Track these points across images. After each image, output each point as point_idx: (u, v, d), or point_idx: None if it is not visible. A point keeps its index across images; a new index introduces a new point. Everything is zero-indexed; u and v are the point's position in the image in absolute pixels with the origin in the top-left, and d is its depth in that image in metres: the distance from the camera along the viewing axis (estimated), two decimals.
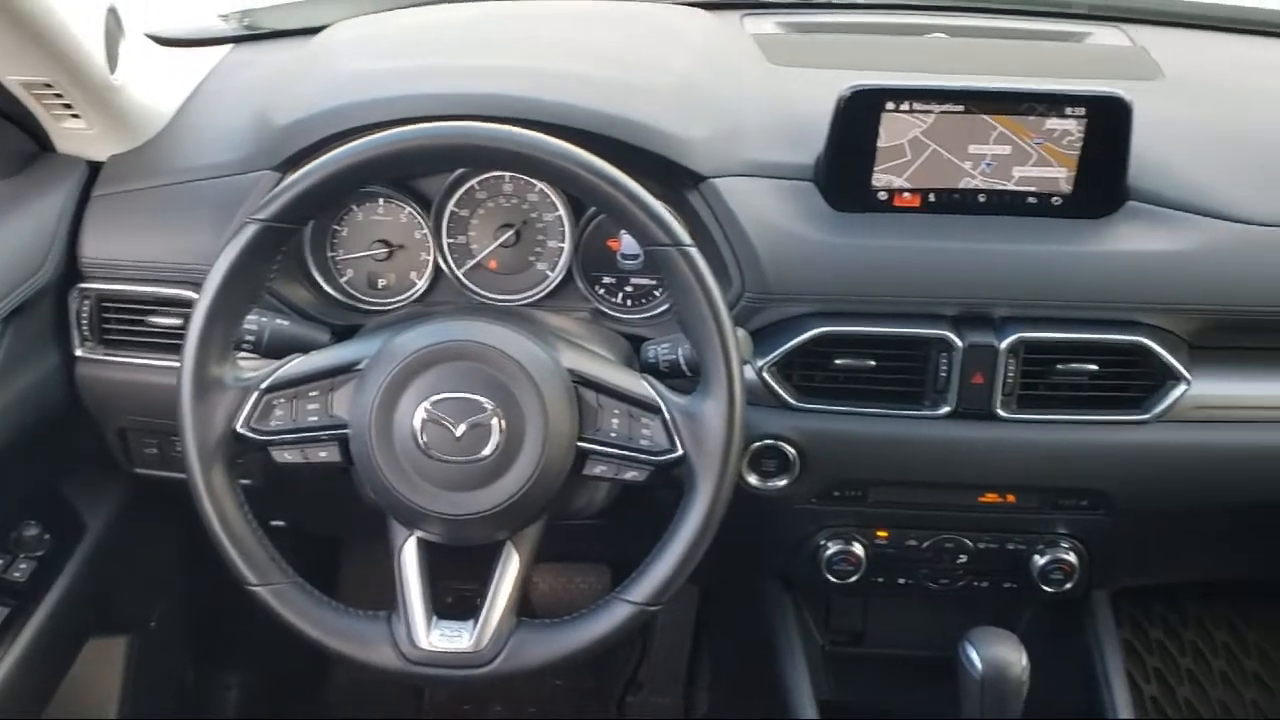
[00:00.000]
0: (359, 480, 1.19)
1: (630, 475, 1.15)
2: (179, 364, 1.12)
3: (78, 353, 1.41)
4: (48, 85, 1.32)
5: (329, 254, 1.43)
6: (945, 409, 1.32)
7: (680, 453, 1.13)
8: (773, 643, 1.62)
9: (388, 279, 1.44)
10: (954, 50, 1.63)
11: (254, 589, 1.14)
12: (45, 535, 1.51)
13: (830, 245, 1.32)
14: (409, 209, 1.42)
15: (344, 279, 1.44)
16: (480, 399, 1.10)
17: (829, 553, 1.47)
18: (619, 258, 1.42)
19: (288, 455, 1.15)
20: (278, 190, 1.11)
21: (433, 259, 1.42)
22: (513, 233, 1.40)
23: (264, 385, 1.14)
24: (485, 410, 1.10)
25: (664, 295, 1.41)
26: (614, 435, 1.14)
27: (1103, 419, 1.34)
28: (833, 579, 1.49)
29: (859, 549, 1.47)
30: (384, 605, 1.17)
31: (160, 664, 1.80)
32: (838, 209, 1.33)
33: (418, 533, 1.15)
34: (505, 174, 1.39)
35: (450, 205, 1.40)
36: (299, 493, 1.49)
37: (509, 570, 1.16)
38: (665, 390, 1.15)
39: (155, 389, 1.36)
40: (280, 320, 1.27)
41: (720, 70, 1.48)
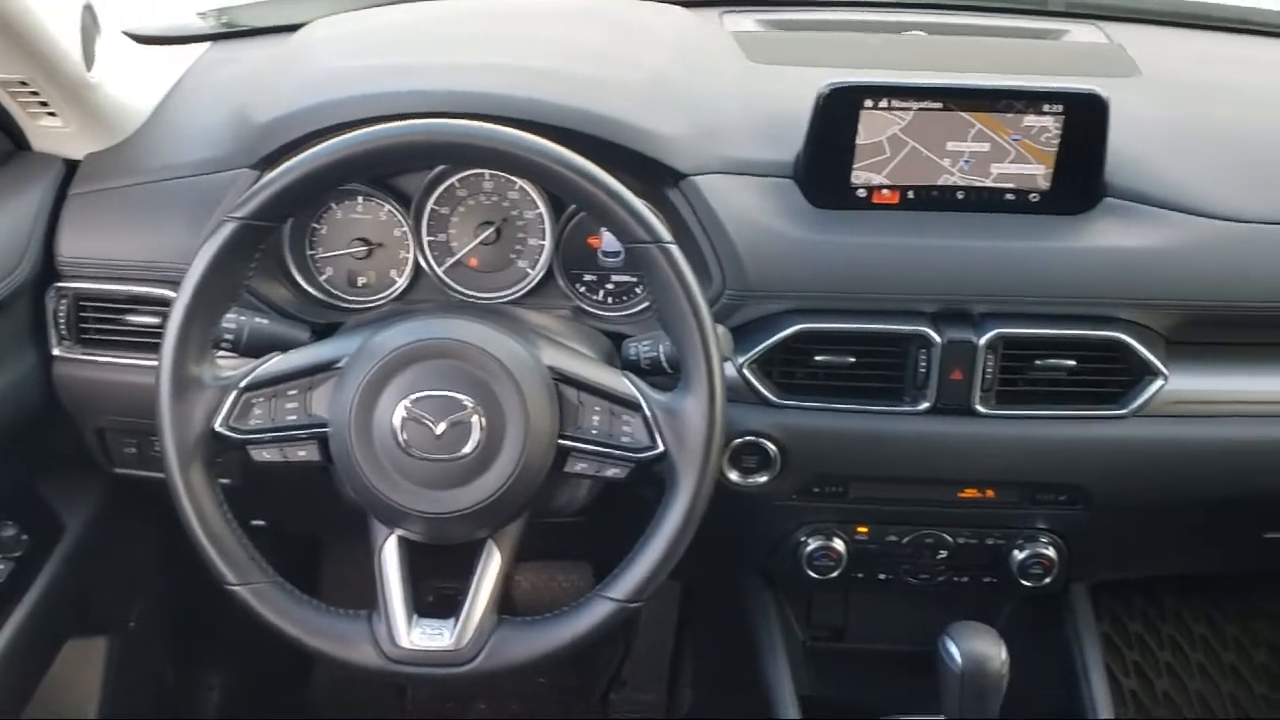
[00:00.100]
0: (339, 479, 1.19)
1: (611, 472, 1.15)
2: (157, 363, 1.11)
3: (55, 352, 1.40)
4: (23, 83, 1.31)
5: (308, 252, 1.42)
6: (924, 405, 1.33)
7: (661, 449, 1.13)
8: (754, 638, 1.63)
9: (367, 277, 1.43)
10: (932, 48, 1.63)
11: (234, 588, 1.13)
12: (23, 535, 1.50)
13: (810, 242, 1.32)
14: (389, 207, 1.41)
15: (323, 277, 1.43)
16: (460, 397, 1.10)
17: (810, 548, 1.47)
18: (600, 255, 1.42)
19: (267, 454, 1.14)
20: (256, 188, 1.11)
21: (413, 257, 1.42)
22: (493, 230, 1.40)
23: (243, 384, 1.14)
24: (465, 408, 1.10)
25: (645, 292, 1.42)
26: (595, 432, 1.14)
27: (1081, 414, 1.35)
28: (813, 574, 1.49)
29: (840, 544, 1.47)
30: (365, 604, 1.16)
31: (140, 664, 1.79)
32: (817, 206, 1.34)
33: (398, 531, 1.15)
34: (485, 171, 1.39)
35: (430, 203, 1.40)
36: (278, 492, 1.48)
37: (490, 568, 1.15)
38: (646, 387, 1.16)
39: (133, 388, 1.35)
40: (259, 319, 1.26)
41: (698, 67, 1.48)
